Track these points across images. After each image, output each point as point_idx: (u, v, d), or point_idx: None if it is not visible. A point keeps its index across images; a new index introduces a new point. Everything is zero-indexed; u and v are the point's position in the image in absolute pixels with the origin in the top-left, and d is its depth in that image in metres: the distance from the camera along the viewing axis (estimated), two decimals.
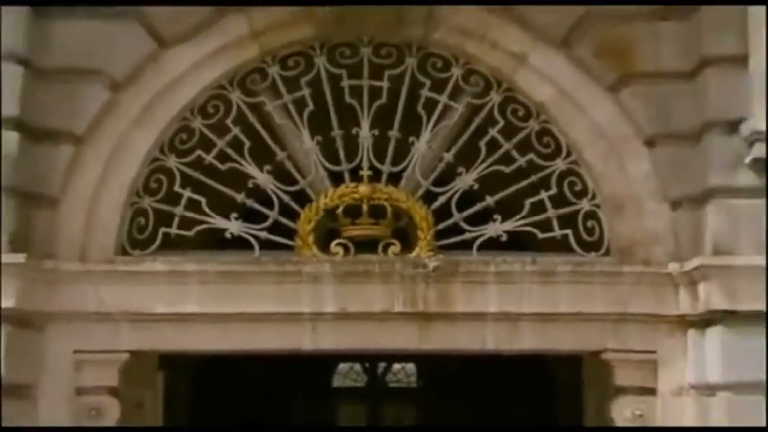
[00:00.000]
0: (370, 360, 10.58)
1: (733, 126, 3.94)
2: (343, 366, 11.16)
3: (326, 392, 10.69)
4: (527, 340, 4.12)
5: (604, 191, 4.20)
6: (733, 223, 3.91)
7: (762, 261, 3.90)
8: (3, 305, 3.71)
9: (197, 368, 8.21)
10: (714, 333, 3.87)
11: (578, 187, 4.24)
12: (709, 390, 3.87)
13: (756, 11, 4.06)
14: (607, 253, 4.16)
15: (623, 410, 4.09)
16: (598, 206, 4.21)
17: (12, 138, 3.88)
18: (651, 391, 4.08)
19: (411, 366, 10.90)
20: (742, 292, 3.82)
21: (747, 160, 3.92)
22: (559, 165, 4.25)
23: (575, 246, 4.16)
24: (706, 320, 3.92)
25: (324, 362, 10.33)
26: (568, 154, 4.26)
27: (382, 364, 11.40)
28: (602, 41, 4.26)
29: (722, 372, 3.80)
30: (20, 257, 3.73)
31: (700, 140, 4.07)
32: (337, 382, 11.43)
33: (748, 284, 3.83)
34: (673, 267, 4.03)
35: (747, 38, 4.05)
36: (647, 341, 4.10)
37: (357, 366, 11.30)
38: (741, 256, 3.89)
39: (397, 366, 11.16)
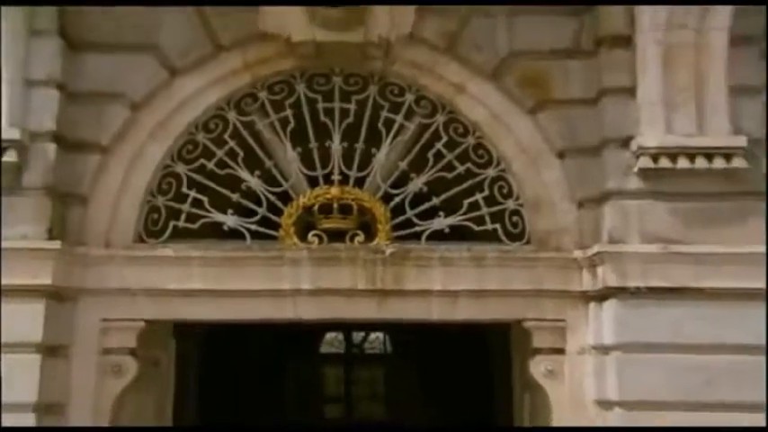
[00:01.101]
0: (345, 329, 10.47)
1: (625, 142, 4.07)
2: (329, 336, 11.05)
3: (315, 357, 10.64)
4: (464, 312, 4.23)
5: (526, 193, 4.32)
6: (624, 219, 4.05)
7: (646, 249, 4.02)
8: (42, 282, 3.77)
9: (207, 336, 8.18)
10: (609, 305, 3.99)
11: (505, 190, 4.35)
12: (605, 349, 4.01)
13: (643, 50, 4.11)
14: (527, 242, 4.28)
15: (539, 366, 4.21)
16: (521, 205, 4.33)
17: (50, 148, 3.96)
18: (561, 351, 4.20)
19: (382, 336, 10.78)
20: (630, 272, 3.96)
21: (635, 169, 4.04)
22: (491, 172, 4.34)
23: (502, 237, 4.27)
24: (603, 295, 4.04)
25: (312, 332, 10.23)
26: (498, 164, 4.37)
27: (361, 334, 11.09)
28: (523, 74, 4.36)
29: (614, 335, 3.94)
30: (56, 244, 3.82)
31: (599, 154, 4.19)
32: (324, 349, 11.22)
33: (635, 266, 3.96)
34: (578, 253, 4.16)
35: (636, 73, 4.14)
36: (557, 312, 4.22)
37: (340, 336, 11.07)
38: (630, 244, 4.02)
39: (372, 336, 11.02)
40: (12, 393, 3.63)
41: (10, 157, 3.81)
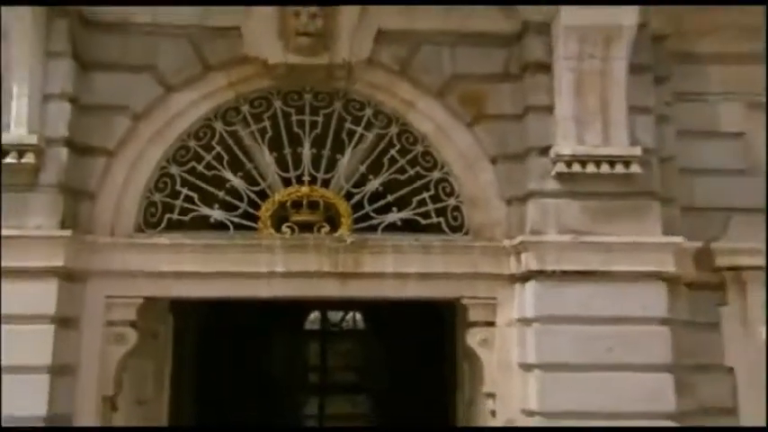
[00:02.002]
0: (323, 308, 10.29)
1: (544, 151, 4.17)
2: (312, 316, 10.79)
3: (300, 333, 10.49)
4: (412, 291, 4.28)
5: (464, 192, 4.38)
6: (543, 214, 4.14)
7: (560, 239, 4.09)
8: (55, 264, 3.81)
9: (203, 314, 8.07)
10: (530, 285, 4.09)
11: (448, 190, 4.40)
12: (526, 322, 4.11)
13: (559, 76, 4.19)
14: (466, 233, 4.34)
15: (475, 337, 4.29)
16: (461, 202, 4.39)
17: (63, 152, 3.99)
18: (492, 324, 4.27)
19: (356, 315, 10.65)
20: (548, 258, 4.05)
21: (553, 173, 4.14)
22: (436, 175, 4.41)
23: (445, 228, 4.34)
24: (525, 277, 4.13)
25: (297, 312, 10.05)
26: (442, 167, 4.42)
27: (339, 314, 10.88)
28: (463, 94, 4.40)
29: (534, 310, 4.05)
30: (67, 233, 3.87)
31: (524, 160, 4.26)
32: (308, 326, 10.92)
33: (552, 253, 4.06)
34: (506, 243, 4.23)
35: (553, 95, 4.22)
36: (489, 291, 4.29)
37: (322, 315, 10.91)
38: (548, 235, 4.11)
39: (349, 315, 10.83)
40: (29, 357, 3.67)
41: (28, 159, 3.83)
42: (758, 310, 4.18)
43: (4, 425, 3.66)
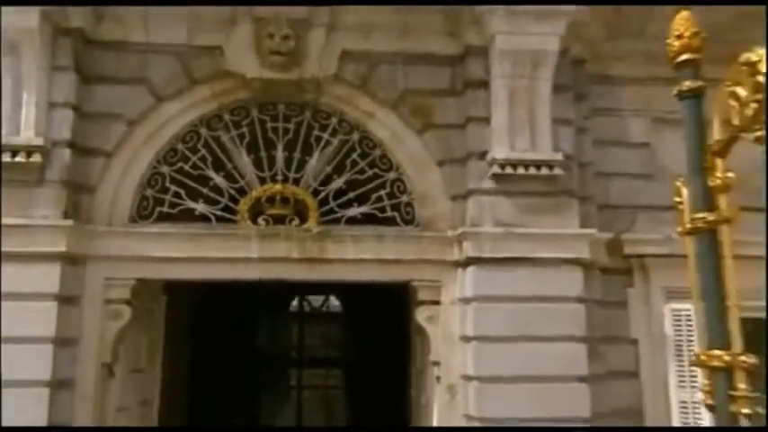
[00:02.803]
0: (303, 293, 10.19)
1: (482, 155, 4.23)
2: (296, 301, 10.76)
3: (285, 315, 10.41)
4: (369, 274, 4.30)
5: (416, 190, 4.43)
6: (480, 209, 4.21)
7: (495, 230, 4.16)
8: (58, 250, 3.83)
9: (197, 297, 7.99)
10: (470, 270, 4.16)
11: (401, 188, 4.45)
12: (466, 301, 4.18)
13: (495, 92, 4.22)
14: (416, 225, 4.39)
15: (423, 314, 4.34)
16: (413, 199, 4.43)
17: (66, 152, 4.00)
18: (437, 303, 4.33)
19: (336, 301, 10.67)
20: (484, 246, 4.13)
21: (489, 175, 4.20)
22: (391, 175, 4.45)
23: (399, 221, 4.39)
24: (466, 262, 4.19)
25: (283, 297, 10.03)
26: (396, 169, 4.46)
27: (321, 298, 10.72)
28: (414, 106, 4.43)
29: (472, 291, 4.12)
30: (69, 222, 3.89)
31: (465, 163, 4.32)
32: (292, 310, 10.74)
33: (487, 243, 4.13)
34: (450, 233, 4.28)
35: (490, 108, 4.26)
36: (435, 275, 4.33)
37: (305, 299, 10.75)
38: (484, 227, 4.17)
39: (329, 300, 10.75)
40: (35, 330, 3.73)
41: (36, 158, 3.85)
42: (658, 291, 4.32)
43: (12, 388, 3.61)
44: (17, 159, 3.83)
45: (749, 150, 5.19)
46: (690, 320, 4.19)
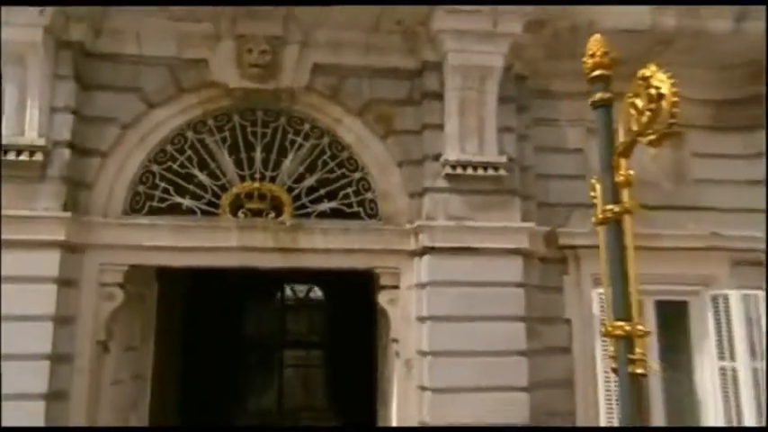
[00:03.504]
0: (283, 282, 10.15)
1: (436, 158, 4.32)
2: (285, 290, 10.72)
3: (272, 303, 10.30)
4: (336, 262, 4.38)
5: (378, 188, 4.50)
6: (434, 205, 4.29)
7: (447, 223, 4.24)
8: (58, 238, 3.87)
9: (191, 285, 7.99)
10: (425, 258, 4.24)
11: (366, 186, 4.51)
12: (422, 285, 4.25)
13: (449, 102, 4.28)
14: (379, 219, 4.46)
15: (384, 297, 4.42)
16: (376, 196, 4.50)
17: (66, 152, 4.05)
18: (397, 287, 4.40)
19: (319, 291, 10.66)
20: (437, 238, 4.21)
21: (442, 175, 4.29)
22: (357, 175, 4.52)
23: (363, 215, 4.46)
24: (421, 252, 4.27)
25: (271, 286, 9.98)
26: (362, 169, 4.52)
27: (306, 287, 10.69)
28: (378, 114, 4.49)
29: (427, 277, 4.21)
30: (68, 214, 3.94)
31: (421, 164, 4.40)
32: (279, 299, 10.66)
33: (440, 234, 4.22)
34: (408, 226, 4.36)
35: (444, 116, 4.34)
36: (395, 263, 4.40)
37: (292, 289, 10.72)
38: (438, 220, 4.26)
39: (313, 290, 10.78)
40: (37, 309, 3.79)
41: (38, 157, 3.91)
42: (588, 277, 4.49)
43: (16, 360, 3.68)
44: (21, 158, 3.89)
45: (666, 158, 5.48)
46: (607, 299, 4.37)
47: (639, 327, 2.23)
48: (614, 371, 2.33)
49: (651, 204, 4.63)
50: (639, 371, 2.19)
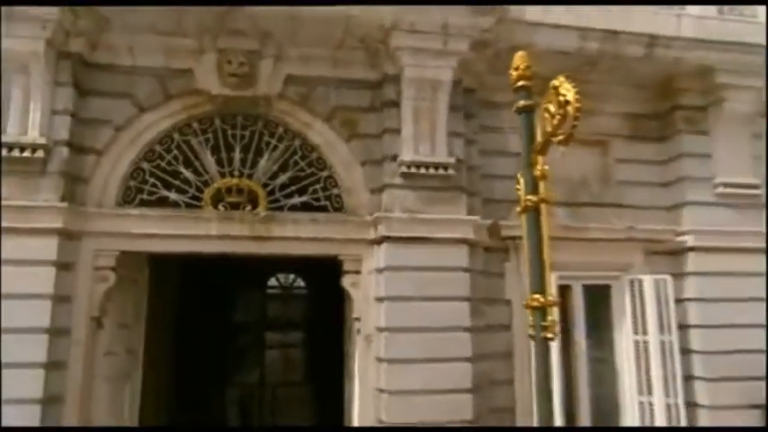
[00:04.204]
0: (270, 272, 10.24)
1: (394, 158, 4.45)
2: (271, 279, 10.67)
3: (259, 290, 10.25)
4: (306, 249, 4.46)
5: (343, 185, 4.62)
6: (392, 199, 4.42)
7: (402, 215, 4.36)
8: (56, 226, 3.97)
9: (182, 273, 7.99)
10: (383, 246, 4.37)
11: (333, 183, 4.63)
12: (380, 271, 4.39)
13: (405, 110, 4.39)
14: (344, 212, 4.57)
15: (347, 281, 4.54)
16: (341, 191, 4.61)
17: (65, 150, 4.13)
18: (359, 272, 4.53)
19: (300, 281, 10.52)
20: (394, 228, 4.35)
21: (399, 173, 4.42)
22: (325, 173, 4.63)
23: (330, 209, 4.58)
24: (380, 241, 4.39)
25: (259, 275, 9.97)
26: (330, 168, 4.63)
27: (291, 278, 10.54)
28: (343, 119, 4.61)
29: (384, 263, 4.34)
30: (65, 205, 4.02)
31: (381, 164, 4.52)
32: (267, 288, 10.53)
33: (396, 225, 4.36)
34: (368, 218, 4.48)
35: (401, 121, 4.46)
36: (357, 250, 4.52)
37: (275, 280, 10.65)
38: (395, 213, 4.38)
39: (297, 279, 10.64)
40: (37, 288, 3.89)
41: (39, 154, 4.01)
42: (526, 264, 4.69)
43: (17, 334, 3.77)
44: (25, 154, 4.00)
45: (595, 163, 5.74)
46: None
47: (551, 299, 2.46)
48: (531, 337, 2.54)
49: (582, 202, 5.04)
50: (549, 335, 2.42)
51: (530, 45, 4.44)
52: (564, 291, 4.85)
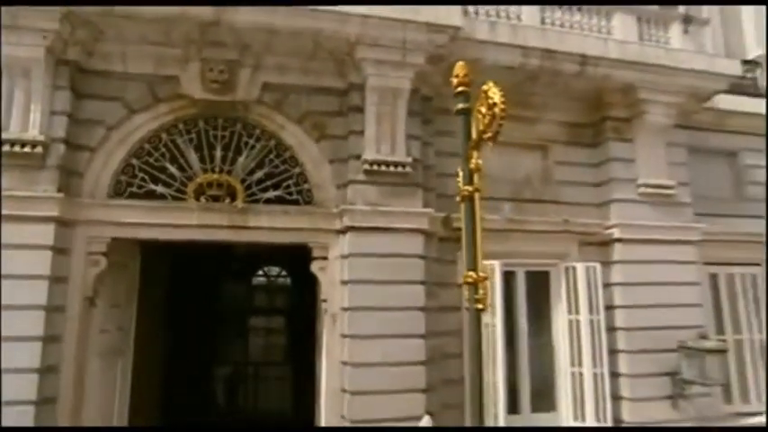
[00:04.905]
0: (257, 264, 10.29)
1: (358, 157, 4.66)
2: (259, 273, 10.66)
3: (244, 283, 10.37)
4: (279, 238, 4.61)
5: (313, 181, 4.78)
6: (355, 193, 4.62)
7: (365, 208, 4.52)
8: (53, 215, 4.09)
9: (174, 262, 7.98)
10: (347, 235, 4.56)
11: (304, 179, 4.78)
12: (344, 257, 4.56)
13: (368, 114, 4.55)
14: (313, 204, 4.72)
15: (316, 266, 4.70)
16: (312, 186, 4.76)
17: (62, 147, 4.26)
18: (326, 258, 4.69)
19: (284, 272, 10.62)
20: (357, 219, 4.53)
21: (362, 170, 4.61)
22: (297, 170, 4.78)
23: (301, 202, 4.73)
24: (345, 230, 4.57)
25: (244, 268, 10.04)
26: (301, 166, 4.77)
27: (276, 270, 10.63)
28: (313, 122, 4.75)
29: (348, 250, 4.53)
30: (61, 195, 4.16)
31: (347, 162, 4.70)
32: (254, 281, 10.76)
33: (359, 216, 4.55)
34: (335, 210, 4.65)
35: (364, 124, 4.64)
36: (325, 239, 4.68)
37: (262, 272, 10.63)
38: (358, 206, 4.58)
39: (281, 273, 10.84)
40: (36, 270, 4.02)
41: (39, 150, 4.15)
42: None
43: (17, 310, 3.87)
44: (25, 150, 4.15)
45: (538, 165, 6.08)
46: (489, 270, 4.72)
47: (483, 275, 2.66)
48: (467, 309, 2.75)
49: (525, 198, 5.32)
50: (480, 306, 2.62)
51: (479, 60, 4.76)
52: (509, 276, 5.13)
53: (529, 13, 5.16)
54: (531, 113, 5.35)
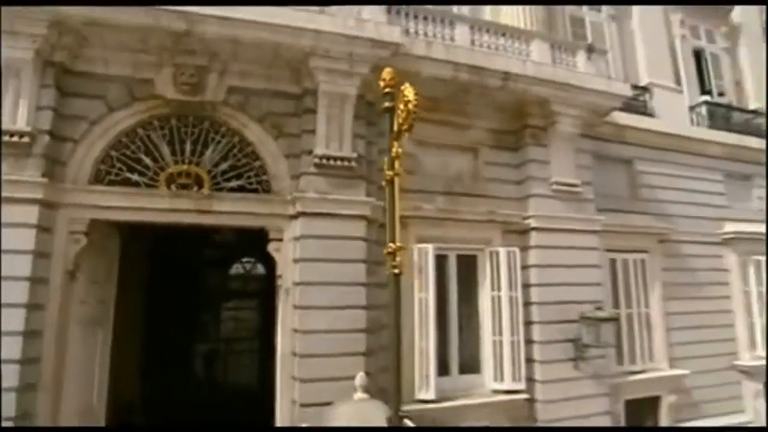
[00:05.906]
0: (235, 257, 10.27)
1: (310, 152, 4.82)
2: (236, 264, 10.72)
3: (223, 274, 10.41)
4: (239, 221, 4.75)
5: (271, 173, 4.92)
6: (307, 183, 4.76)
7: (315, 196, 4.70)
8: (37, 197, 4.20)
9: (154, 245, 7.98)
10: (299, 220, 4.72)
11: (263, 171, 4.92)
12: (296, 239, 4.67)
13: (320, 115, 4.74)
14: (271, 193, 4.86)
15: (272, 246, 4.82)
16: (270, 177, 4.90)
17: (47, 137, 4.36)
18: (281, 240, 4.83)
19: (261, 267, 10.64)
20: (307, 206, 4.68)
21: (313, 164, 4.75)
22: (257, 163, 4.92)
23: (261, 191, 4.88)
24: (297, 215, 4.75)
25: (223, 260, 10.21)
26: (261, 159, 4.90)
27: (251, 262, 10.61)
28: (272, 122, 4.91)
29: (300, 232, 4.65)
30: (45, 180, 4.27)
31: (300, 157, 4.85)
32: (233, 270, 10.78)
33: (310, 203, 4.72)
34: (289, 197, 4.80)
35: (316, 124, 4.79)
36: (280, 223, 4.82)
37: (240, 266, 10.75)
38: (309, 194, 4.73)
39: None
40: (21, 245, 4.15)
41: (26, 139, 4.27)
42: (412, 237, 5.20)
43: (4, 282, 4.00)
44: (14, 139, 4.29)
45: (470, 164, 6.56)
46: (424, 253, 5.14)
47: (399, 245, 2.97)
48: (389, 275, 3.03)
49: (457, 192, 5.68)
50: (397, 271, 2.95)
51: (418, 73, 5.12)
52: (442, 259, 5.48)
53: (461, 35, 5.56)
54: (465, 120, 5.75)
